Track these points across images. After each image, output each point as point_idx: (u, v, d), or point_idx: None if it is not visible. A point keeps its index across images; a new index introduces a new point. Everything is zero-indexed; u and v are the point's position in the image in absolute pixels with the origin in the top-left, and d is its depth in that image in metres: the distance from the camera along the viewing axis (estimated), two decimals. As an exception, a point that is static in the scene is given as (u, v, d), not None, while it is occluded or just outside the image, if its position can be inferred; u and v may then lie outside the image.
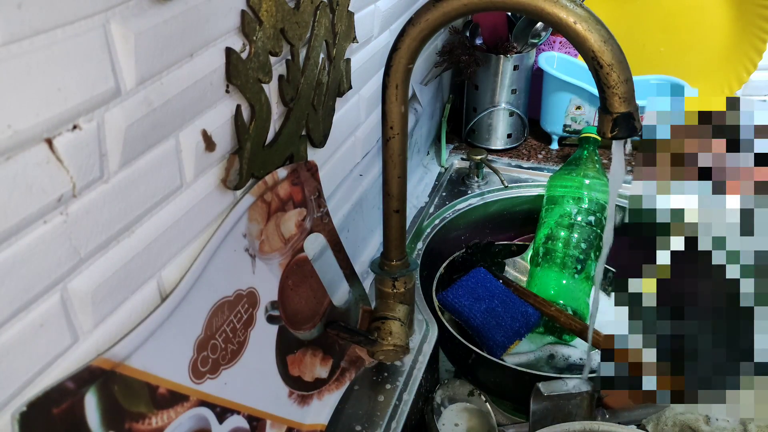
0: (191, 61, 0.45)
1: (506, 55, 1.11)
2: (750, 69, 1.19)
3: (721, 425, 0.67)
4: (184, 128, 0.46)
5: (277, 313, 0.58)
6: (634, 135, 0.51)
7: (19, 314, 0.35)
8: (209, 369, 0.50)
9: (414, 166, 1.09)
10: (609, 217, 0.58)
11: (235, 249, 0.53)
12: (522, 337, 0.83)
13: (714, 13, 1.18)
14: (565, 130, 1.16)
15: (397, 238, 0.69)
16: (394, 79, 0.59)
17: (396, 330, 0.67)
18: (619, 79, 0.49)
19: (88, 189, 0.38)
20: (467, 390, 0.79)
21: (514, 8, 0.51)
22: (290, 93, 0.58)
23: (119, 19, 0.38)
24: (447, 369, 0.91)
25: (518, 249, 0.99)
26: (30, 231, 0.34)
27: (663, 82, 1.16)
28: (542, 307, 0.84)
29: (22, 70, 0.32)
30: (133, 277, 0.43)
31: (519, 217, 1.08)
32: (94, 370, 0.39)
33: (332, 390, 0.66)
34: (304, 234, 0.61)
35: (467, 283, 0.87)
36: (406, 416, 0.67)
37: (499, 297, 0.86)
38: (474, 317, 0.83)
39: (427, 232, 0.98)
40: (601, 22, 0.49)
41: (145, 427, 0.43)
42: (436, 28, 0.56)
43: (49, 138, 0.34)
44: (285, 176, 0.58)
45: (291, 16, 0.55)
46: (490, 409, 0.77)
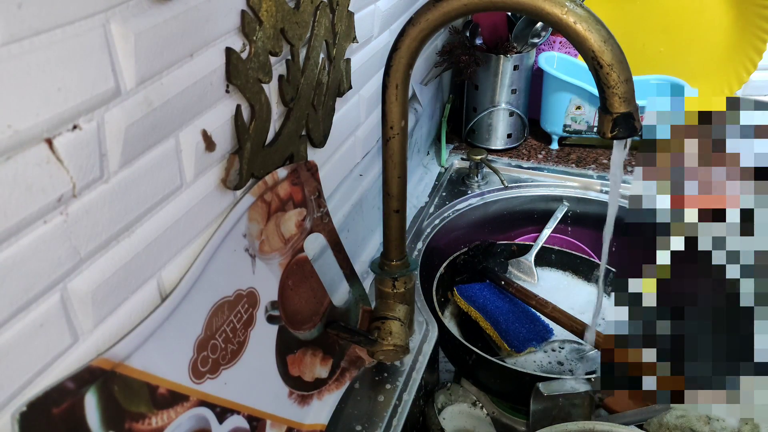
0: (191, 61, 0.45)
1: (506, 55, 1.11)
2: (750, 69, 1.19)
3: (721, 425, 0.67)
4: (184, 128, 0.46)
5: (277, 313, 0.58)
6: (634, 135, 0.51)
7: (19, 314, 0.35)
8: (209, 369, 0.50)
9: (414, 166, 1.09)
10: (609, 217, 0.58)
11: (235, 249, 0.53)
12: (537, 346, 0.84)
13: (714, 13, 1.18)
14: (565, 130, 1.16)
15: (397, 238, 0.69)
16: (394, 79, 0.59)
17: (396, 330, 0.67)
18: (619, 79, 0.49)
19: (88, 189, 0.38)
20: (469, 399, 0.79)
21: (514, 8, 0.51)
22: (290, 93, 0.58)
23: (119, 19, 0.38)
24: (447, 369, 0.91)
25: (519, 249, 0.99)
26: (30, 231, 0.34)
27: (663, 82, 1.16)
28: (542, 307, 0.84)
29: (22, 70, 0.32)
30: (133, 277, 0.43)
31: (519, 217, 1.08)
32: (94, 370, 0.39)
33: (332, 390, 0.66)
34: (304, 234, 0.61)
35: (482, 286, 0.91)
36: (406, 416, 0.67)
37: (516, 303, 0.89)
38: (499, 311, 0.86)
39: (427, 232, 0.98)
40: (601, 22, 0.49)
41: (145, 427, 0.43)
42: (436, 28, 0.56)
43: (49, 138, 0.34)
44: (285, 176, 0.58)
45: (291, 16, 0.55)
46: (490, 420, 0.77)
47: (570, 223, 1.08)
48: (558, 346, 0.85)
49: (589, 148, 1.19)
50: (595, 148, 1.19)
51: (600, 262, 0.62)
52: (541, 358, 0.84)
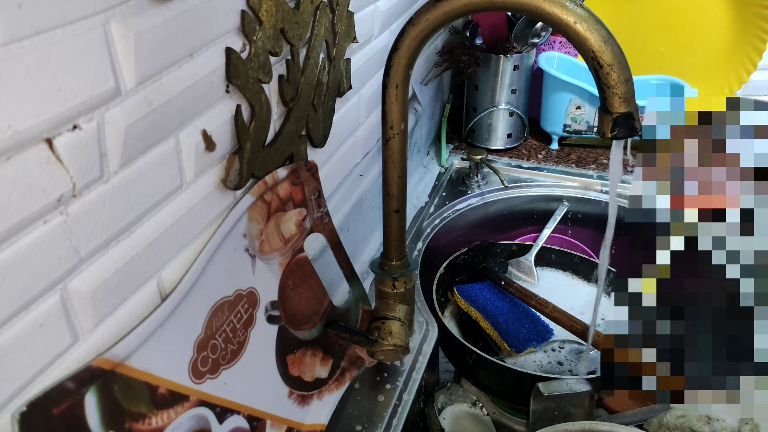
0: (191, 61, 0.45)
1: (506, 55, 1.11)
2: (750, 69, 1.19)
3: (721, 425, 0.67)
4: (184, 128, 0.46)
5: (277, 313, 0.58)
6: (634, 135, 0.51)
7: (19, 314, 0.35)
8: (209, 369, 0.50)
9: (414, 166, 1.09)
10: (609, 217, 0.58)
11: (235, 249, 0.53)
12: (537, 346, 0.84)
13: (714, 13, 1.18)
14: (565, 130, 1.16)
15: (397, 238, 0.69)
16: (394, 79, 0.59)
17: (396, 330, 0.67)
18: (619, 79, 0.49)
19: (88, 189, 0.38)
20: (469, 400, 0.79)
21: (514, 8, 0.51)
22: (290, 93, 0.58)
23: (119, 19, 0.38)
24: (447, 369, 0.91)
25: (519, 249, 0.99)
26: (30, 231, 0.34)
27: (663, 82, 1.16)
28: (542, 307, 0.84)
29: (22, 70, 0.32)
30: (133, 277, 0.43)
31: (519, 217, 1.08)
32: (94, 370, 0.39)
33: (332, 390, 0.66)
34: (304, 234, 0.61)
35: (482, 286, 0.91)
36: (406, 416, 0.67)
37: (516, 303, 0.89)
38: (499, 311, 0.86)
39: (427, 232, 0.98)
40: (601, 22, 0.49)
41: (145, 427, 0.43)
42: (436, 28, 0.56)
43: (49, 138, 0.34)
44: (285, 176, 0.58)
45: (291, 16, 0.55)
46: (490, 420, 0.77)
47: (570, 223, 1.08)
48: (558, 346, 0.85)
49: (589, 148, 1.19)
50: (595, 148, 1.19)
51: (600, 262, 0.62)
52: (541, 358, 0.84)
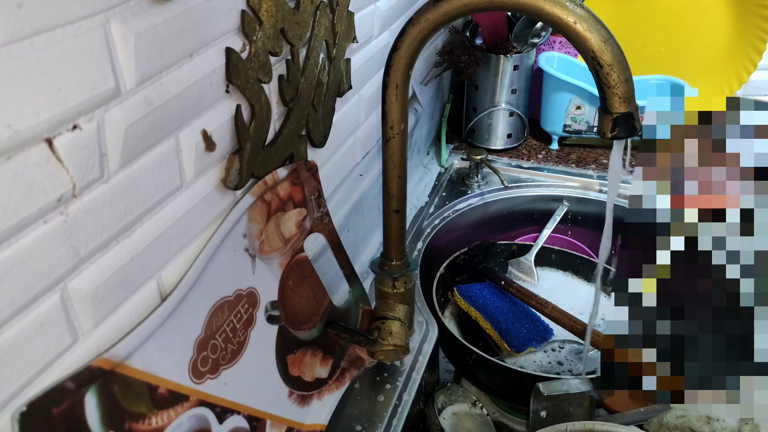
0: (191, 61, 0.45)
1: (506, 55, 1.11)
2: (750, 69, 1.19)
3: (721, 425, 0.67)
4: (184, 128, 0.46)
5: (277, 313, 0.58)
6: (634, 135, 0.51)
7: (19, 314, 0.35)
8: (209, 369, 0.50)
9: (414, 166, 1.09)
10: (608, 217, 0.58)
11: (235, 249, 0.53)
12: (537, 346, 0.84)
13: (714, 13, 1.18)
14: (565, 130, 1.16)
15: (397, 238, 0.69)
16: (394, 79, 0.59)
17: (396, 330, 0.67)
18: (619, 79, 0.49)
19: (88, 189, 0.38)
20: (469, 399, 0.79)
21: (514, 8, 0.51)
22: (290, 93, 0.58)
23: (119, 19, 0.38)
24: (447, 369, 0.91)
25: (519, 249, 0.99)
26: (30, 231, 0.34)
27: (663, 82, 1.16)
28: (542, 307, 0.84)
29: (22, 70, 0.32)
30: (133, 277, 0.43)
31: (519, 217, 1.08)
32: (94, 370, 0.39)
33: (332, 390, 0.66)
34: (304, 234, 0.61)
35: (482, 286, 0.91)
36: (406, 416, 0.67)
37: (516, 303, 0.88)
38: (499, 311, 0.86)
39: (427, 232, 0.98)
40: (601, 22, 0.49)
41: (145, 427, 0.43)
42: (436, 28, 0.56)
43: (49, 138, 0.34)
44: (285, 176, 0.58)
45: (291, 16, 0.55)
46: (490, 420, 0.77)
47: (570, 223, 1.08)
48: (558, 346, 0.85)
49: (589, 148, 1.19)
50: (595, 148, 1.19)
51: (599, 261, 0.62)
52: (541, 358, 0.84)
